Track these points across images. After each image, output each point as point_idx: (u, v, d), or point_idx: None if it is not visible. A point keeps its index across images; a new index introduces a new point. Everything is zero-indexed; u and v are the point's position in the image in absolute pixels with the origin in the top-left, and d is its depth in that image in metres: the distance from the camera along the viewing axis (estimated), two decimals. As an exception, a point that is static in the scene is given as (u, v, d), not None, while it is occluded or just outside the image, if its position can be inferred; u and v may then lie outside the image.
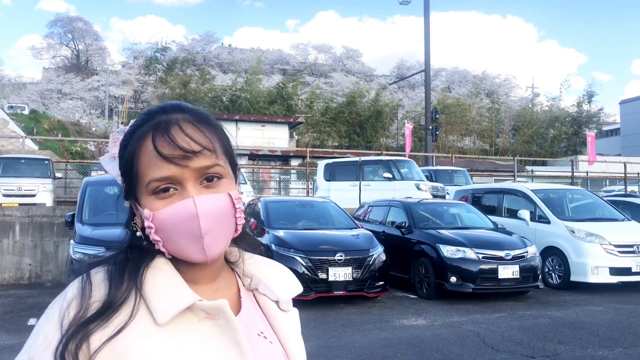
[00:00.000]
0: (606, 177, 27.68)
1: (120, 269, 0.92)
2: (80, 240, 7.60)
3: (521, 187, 12.32)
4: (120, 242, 0.98)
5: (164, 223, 0.90)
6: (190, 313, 0.91)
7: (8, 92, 59.84)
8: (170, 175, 0.90)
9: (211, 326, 0.91)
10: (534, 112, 49.99)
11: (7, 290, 9.80)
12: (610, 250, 9.72)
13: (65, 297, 0.90)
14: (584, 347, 6.07)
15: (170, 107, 0.96)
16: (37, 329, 0.89)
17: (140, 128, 0.94)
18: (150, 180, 0.90)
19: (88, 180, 9.26)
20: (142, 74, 49.87)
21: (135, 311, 0.88)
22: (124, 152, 0.95)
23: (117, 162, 0.98)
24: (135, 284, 0.91)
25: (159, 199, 0.91)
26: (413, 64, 66.49)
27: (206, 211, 0.90)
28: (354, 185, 16.38)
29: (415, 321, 7.36)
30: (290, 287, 1.08)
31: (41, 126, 37.19)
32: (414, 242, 9.67)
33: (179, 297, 0.90)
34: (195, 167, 0.91)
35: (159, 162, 0.90)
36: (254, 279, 1.06)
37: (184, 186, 0.91)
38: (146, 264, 0.94)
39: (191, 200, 0.89)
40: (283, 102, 42.52)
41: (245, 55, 69.61)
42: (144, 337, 0.86)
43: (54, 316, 0.88)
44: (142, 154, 0.92)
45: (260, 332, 1.00)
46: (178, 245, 0.91)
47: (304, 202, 11.20)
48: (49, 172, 16.03)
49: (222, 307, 0.91)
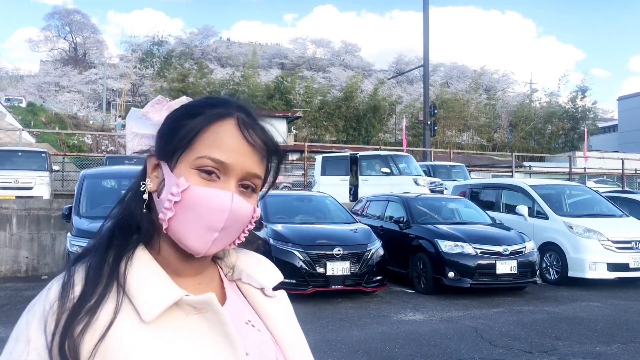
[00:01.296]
0: (603, 173, 27.71)
1: (100, 263, 0.89)
2: (78, 233, 7.57)
3: (519, 182, 12.31)
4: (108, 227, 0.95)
5: (194, 199, 0.88)
6: (177, 308, 0.88)
7: (5, 84, 59.66)
8: (225, 162, 0.90)
9: (199, 320, 0.89)
10: (531, 108, 49.99)
11: (4, 283, 9.77)
12: (608, 246, 9.73)
13: (47, 297, 0.86)
14: (582, 343, 6.07)
15: (247, 107, 0.97)
16: (17, 334, 0.85)
17: (216, 109, 0.94)
18: (205, 157, 0.89)
19: (85, 173, 9.22)
20: (138, 67, 49.73)
21: (119, 309, 0.85)
22: (191, 120, 0.93)
23: (143, 122, 0.97)
24: (116, 279, 0.87)
25: (200, 177, 0.89)
26: (412, 59, 66.48)
27: (235, 210, 0.89)
28: (343, 179, 16.44)
29: (413, 316, 7.36)
30: (271, 275, 1.07)
31: (38, 119, 37.09)
32: (412, 237, 9.65)
33: (164, 292, 0.87)
34: (246, 168, 0.92)
35: (223, 145, 0.90)
36: (236, 269, 1.05)
37: (228, 179, 0.91)
38: (127, 256, 0.90)
39: (230, 194, 0.89)
40: (281, 97, 42.43)
41: (243, 49, 69.43)
42: (131, 335, 0.83)
43: (35, 319, 0.84)
44: (210, 132, 0.91)
45: (247, 321, 0.98)
46: (187, 228, 0.89)
47: (302, 197, 11.17)
48: (46, 164, 15.96)
49: (210, 300, 0.89)
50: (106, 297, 0.85)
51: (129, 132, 0.98)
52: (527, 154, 38.37)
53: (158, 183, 0.94)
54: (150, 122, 0.97)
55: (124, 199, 0.98)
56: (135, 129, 0.98)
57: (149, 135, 0.98)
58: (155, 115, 0.97)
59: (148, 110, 0.98)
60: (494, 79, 63.88)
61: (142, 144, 0.98)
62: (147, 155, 0.97)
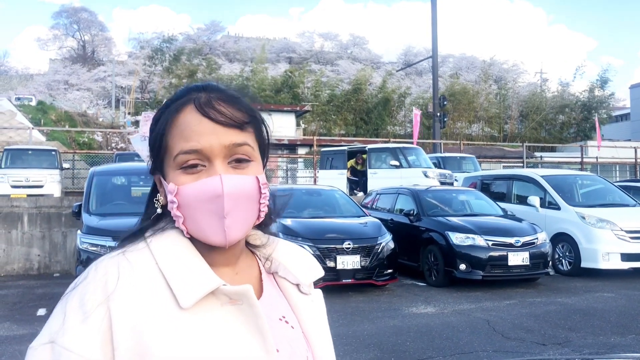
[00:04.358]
0: (616, 162, 27.43)
1: (138, 250, 0.90)
2: (88, 231, 7.57)
3: (531, 173, 12.21)
4: (140, 224, 0.97)
5: (188, 198, 0.88)
6: (213, 297, 0.87)
7: (15, 83, 60.06)
8: (199, 149, 0.88)
9: (233, 311, 0.88)
10: (542, 97, 49.50)
11: (17, 281, 9.84)
12: (621, 236, 9.63)
13: (86, 278, 0.87)
14: (596, 334, 6.01)
15: (209, 85, 0.95)
16: (60, 309, 0.85)
17: (175, 102, 0.93)
18: (179, 153, 0.88)
19: (95, 170, 9.22)
20: (147, 64, 49.85)
21: (158, 293, 0.85)
22: (156, 126, 0.93)
23: (147, 142, 0.98)
24: (156, 264, 0.88)
25: (186, 174, 0.89)
26: (420, 51, 66.09)
27: (232, 191, 0.87)
28: (341, 173, 16.53)
29: (424, 309, 7.32)
30: (310, 270, 1.06)
31: (48, 117, 37.27)
32: (422, 229, 9.60)
33: (202, 280, 0.87)
34: (224, 143, 0.89)
35: (190, 133, 0.88)
36: (274, 262, 1.03)
37: (212, 163, 0.88)
38: (166, 244, 0.91)
39: (218, 178, 0.87)
40: (290, 91, 42.36)
41: (251, 44, 69.36)
42: (167, 320, 0.83)
43: (74, 299, 0.85)
44: (174, 127, 0.90)
45: (282, 317, 0.97)
46: (199, 225, 0.89)
47: (311, 191, 11.15)
48: (56, 162, 16.07)
49: (247, 292, 0.88)
50: (145, 280, 0.86)
51: (144, 156, 1.01)
52: (538, 144, 38.06)
53: (165, 196, 0.95)
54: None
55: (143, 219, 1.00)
56: (146, 152, 1.00)
57: None
58: (147, 130, 1.00)
59: (144, 130, 1.01)
60: (504, 69, 63.32)
61: None
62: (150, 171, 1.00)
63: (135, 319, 0.82)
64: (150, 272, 0.87)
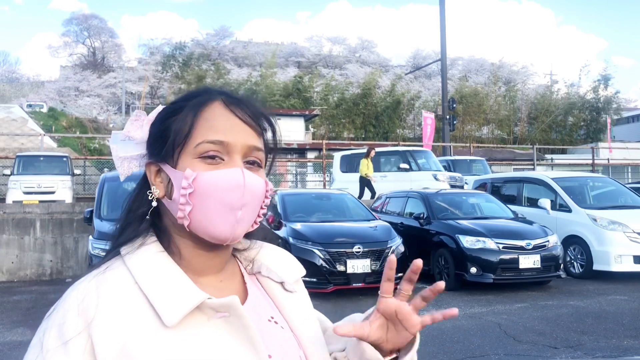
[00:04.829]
0: (628, 164, 27.23)
1: (115, 269, 0.88)
2: (99, 236, 7.64)
3: (541, 175, 12.15)
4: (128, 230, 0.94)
5: (206, 186, 0.87)
6: (198, 311, 0.85)
7: (27, 90, 60.55)
8: (224, 141, 0.89)
9: (221, 324, 0.86)
10: (552, 99, 49.23)
11: (30, 287, 9.92)
12: (634, 238, 9.55)
13: (65, 302, 0.86)
14: (609, 337, 5.96)
15: (226, 90, 0.97)
16: (38, 340, 0.84)
17: (197, 98, 0.94)
18: (203, 141, 0.89)
19: (105, 176, 9.31)
20: (159, 70, 50.15)
21: (141, 313, 0.83)
22: (170, 116, 0.93)
23: (128, 144, 0.97)
24: (135, 283, 0.86)
25: (205, 163, 0.89)
26: (429, 53, 66.01)
27: (250, 185, 0.89)
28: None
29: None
30: (293, 269, 1.05)
31: (59, 124, 37.60)
32: (432, 233, 9.58)
33: (186, 296, 0.85)
34: (247, 143, 0.91)
35: (218, 125, 0.90)
36: (256, 262, 1.03)
37: (232, 157, 0.90)
38: (143, 260, 0.89)
39: (239, 170, 0.88)
40: (299, 95, 42.42)
41: (260, 49, 69.58)
42: (153, 340, 0.81)
43: (54, 326, 0.83)
44: (200, 117, 0.91)
45: (270, 318, 0.96)
46: (209, 215, 0.87)
47: (321, 195, 11.15)
48: (67, 169, 16.17)
49: (233, 303, 0.86)
50: (126, 300, 0.84)
51: (116, 157, 0.97)
52: (548, 146, 37.86)
53: (165, 187, 0.92)
54: (135, 141, 0.97)
55: (124, 217, 0.97)
56: (121, 154, 0.97)
57: (136, 157, 0.97)
58: (137, 133, 0.97)
59: (129, 129, 0.97)
60: (513, 71, 63.13)
61: (132, 167, 0.97)
62: (146, 164, 0.96)
63: (120, 342, 0.80)
64: (130, 292, 0.84)
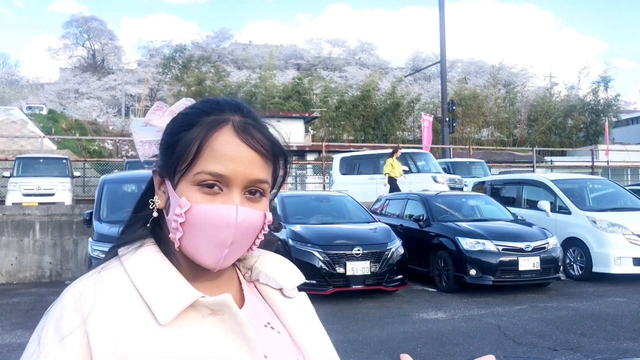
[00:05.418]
0: (627, 166, 27.24)
1: (112, 269, 0.89)
2: (99, 238, 7.64)
3: (541, 177, 12.15)
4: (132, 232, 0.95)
5: (198, 219, 0.86)
6: (193, 310, 0.86)
7: (26, 92, 60.63)
8: (224, 174, 0.87)
9: (216, 322, 0.87)
10: (552, 101, 49.25)
11: (29, 289, 9.91)
12: (633, 240, 9.55)
13: (62, 300, 0.86)
14: (608, 339, 5.96)
15: (242, 106, 0.94)
16: (36, 336, 0.84)
17: (208, 116, 0.90)
18: (202, 172, 0.87)
19: (105, 178, 9.30)
20: (159, 72, 50.17)
21: (136, 311, 0.84)
22: (183, 131, 0.91)
23: (149, 130, 0.96)
24: (131, 282, 0.87)
25: (202, 192, 0.87)
26: (428, 56, 66.06)
27: (242, 223, 0.87)
28: (371, 178, 16.33)
29: (434, 315, 7.29)
30: (292, 276, 1.05)
31: (59, 126, 37.59)
32: (432, 235, 9.58)
33: (179, 294, 0.85)
34: (249, 177, 0.89)
35: (221, 156, 0.87)
36: (254, 270, 1.03)
37: (231, 190, 0.88)
38: (140, 261, 0.90)
39: (234, 208, 0.86)
40: (299, 97, 42.45)
41: (259, 51, 69.62)
42: (147, 338, 0.82)
43: (51, 322, 0.84)
44: (206, 144, 0.88)
45: (267, 323, 0.96)
46: (197, 246, 0.88)
47: (321, 197, 11.15)
48: (67, 171, 16.17)
49: (226, 301, 0.87)
50: (122, 298, 0.85)
51: (137, 141, 0.97)
52: (548, 148, 37.88)
53: (165, 200, 0.93)
54: (156, 128, 0.96)
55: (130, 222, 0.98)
56: (143, 138, 0.97)
57: (156, 142, 0.97)
58: (159, 121, 0.96)
59: (150, 117, 0.96)
60: (513, 74, 63.18)
61: (153, 150, 0.97)
62: (152, 171, 0.96)
63: (115, 339, 0.81)
64: (126, 290, 0.85)
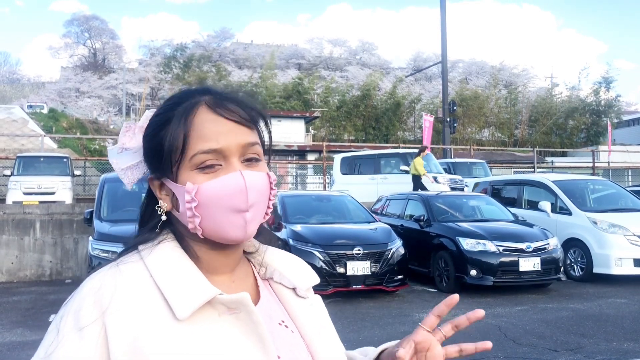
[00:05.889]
0: (628, 167, 27.22)
1: (132, 263, 0.90)
2: (99, 237, 7.64)
3: (541, 178, 12.14)
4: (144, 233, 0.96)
5: (209, 196, 0.88)
6: (210, 307, 0.87)
7: (27, 91, 60.65)
8: (217, 148, 0.88)
9: (232, 320, 0.88)
10: (552, 102, 49.22)
11: (29, 287, 9.91)
12: (634, 241, 9.54)
13: (81, 291, 0.86)
14: (609, 340, 5.95)
15: (209, 88, 0.96)
16: (54, 326, 0.86)
17: (181, 105, 0.92)
18: (197, 153, 0.88)
19: (106, 177, 9.30)
20: (160, 71, 50.18)
21: (154, 305, 0.85)
22: (162, 129, 0.92)
23: (126, 155, 0.97)
24: (151, 277, 0.87)
25: (204, 174, 0.89)
26: (430, 56, 66.02)
27: (252, 184, 0.89)
28: (372, 178, 16.36)
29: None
30: (306, 276, 1.06)
31: (60, 125, 37.59)
32: (433, 235, 9.57)
33: (198, 290, 0.86)
34: (241, 143, 0.90)
35: (208, 133, 0.89)
36: (269, 267, 1.04)
37: (229, 161, 0.90)
38: (160, 256, 0.90)
39: (239, 173, 0.88)
40: (300, 97, 42.45)
41: (260, 51, 69.59)
42: (165, 332, 0.83)
43: (69, 316, 0.84)
44: (189, 127, 0.90)
45: (281, 321, 0.97)
46: (219, 222, 0.89)
47: (321, 197, 11.15)
48: (67, 169, 16.16)
49: (244, 300, 0.87)
50: (141, 292, 0.85)
51: (119, 170, 0.98)
52: (549, 149, 37.85)
53: (170, 199, 0.94)
54: (132, 150, 0.97)
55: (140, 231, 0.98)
56: (123, 165, 0.98)
57: (137, 164, 0.98)
58: (132, 142, 0.97)
59: (123, 141, 0.97)
60: (514, 74, 63.20)
61: (137, 174, 0.98)
62: (148, 179, 0.97)
63: (132, 333, 0.81)
64: (145, 284, 0.86)
